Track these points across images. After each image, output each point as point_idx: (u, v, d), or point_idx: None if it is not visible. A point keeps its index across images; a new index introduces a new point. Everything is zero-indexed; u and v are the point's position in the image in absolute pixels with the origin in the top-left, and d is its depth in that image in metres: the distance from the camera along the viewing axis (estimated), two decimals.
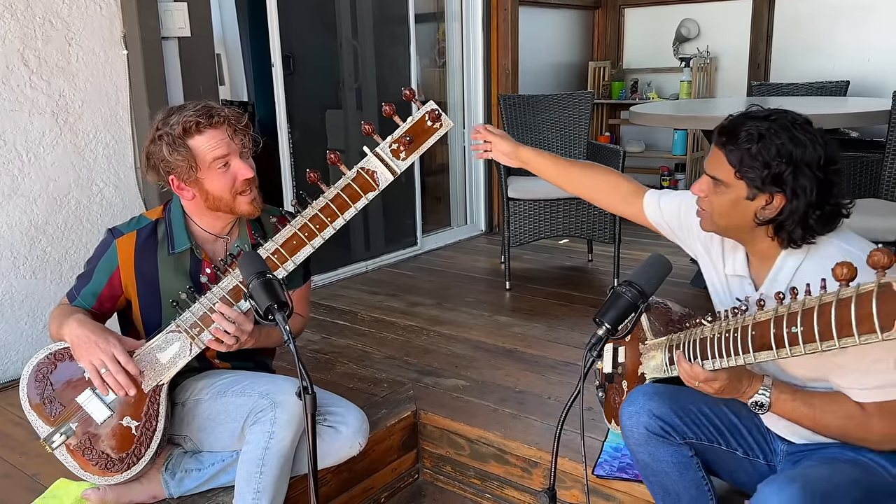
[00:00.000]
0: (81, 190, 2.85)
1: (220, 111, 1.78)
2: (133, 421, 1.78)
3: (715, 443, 1.62)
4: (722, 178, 1.42)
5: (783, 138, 1.36)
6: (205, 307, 1.75)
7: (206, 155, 1.77)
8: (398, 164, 1.77)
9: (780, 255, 1.45)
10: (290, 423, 1.79)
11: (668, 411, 1.58)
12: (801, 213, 1.36)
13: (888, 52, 4.72)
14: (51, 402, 1.77)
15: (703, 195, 1.48)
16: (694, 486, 1.62)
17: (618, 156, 3.57)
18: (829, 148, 1.37)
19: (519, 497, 2.23)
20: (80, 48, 2.77)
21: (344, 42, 4.10)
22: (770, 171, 1.35)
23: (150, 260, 1.88)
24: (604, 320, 1.43)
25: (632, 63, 5.87)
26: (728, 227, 1.48)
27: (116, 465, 1.78)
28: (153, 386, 1.78)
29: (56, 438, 1.76)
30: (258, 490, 1.79)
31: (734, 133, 1.40)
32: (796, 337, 1.15)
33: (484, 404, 2.41)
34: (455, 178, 4.90)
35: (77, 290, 1.89)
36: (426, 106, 1.77)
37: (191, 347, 1.76)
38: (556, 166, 1.86)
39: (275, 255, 1.75)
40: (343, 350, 2.94)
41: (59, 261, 2.80)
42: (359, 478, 2.23)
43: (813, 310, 1.12)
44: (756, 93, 4.72)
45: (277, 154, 3.71)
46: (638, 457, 1.65)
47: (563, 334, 3.03)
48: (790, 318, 1.17)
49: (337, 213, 1.76)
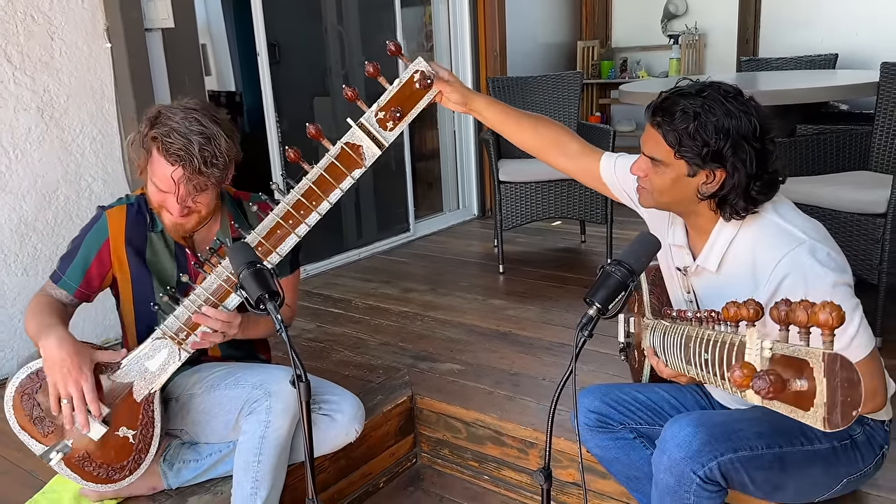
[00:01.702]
0: (70, 185, 2.84)
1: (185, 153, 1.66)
2: (129, 430, 1.76)
3: (655, 425, 1.68)
4: (661, 157, 1.42)
5: (718, 114, 1.35)
6: (189, 311, 1.71)
7: (154, 170, 1.72)
8: (385, 135, 1.61)
9: (715, 227, 1.46)
10: (286, 411, 1.80)
11: (600, 404, 1.68)
12: (742, 185, 1.38)
13: (876, 24, 4.71)
14: (41, 421, 1.72)
15: (643, 175, 1.49)
16: (645, 463, 1.67)
17: (608, 135, 3.56)
18: (762, 118, 1.38)
19: (516, 477, 2.24)
20: (63, 42, 2.74)
21: (329, 28, 4.08)
22: (709, 149, 1.36)
23: (140, 233, 1.86)
24: (594, 300, 1.43)
25: (620, 42, 5.86)
26: (670, 203, 1.49)
27: (118, 473, 1.78)
28: (145, 395, 1.76)
29: (53, 456, 1.73)
30: (256, 479, 1.80)
31: (669, 112, 1.40)
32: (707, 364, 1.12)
33: (479, 387, 2.42)
34: (446, 163, 4.89)
35: (61, 269, 1.85)
36: (414, 64, 1.59)
37: (179, 353, 1.74)
38: (507, 118, 1.69)
39: (258, 249, 1.68)
40: (338, 338, 2.94)
41: (49, 257, 2.79)
42: (357, 464, 2.24)
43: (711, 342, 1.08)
44: (745, 68, 4.71)
45: (266, 143, 3.69)
46: (593, 452, 1.74)
47: (557, 316, 3.04)
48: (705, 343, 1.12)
49: (322, 196, 1.65)
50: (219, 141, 1.71)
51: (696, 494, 1.38)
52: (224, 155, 1.72)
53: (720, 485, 1.39)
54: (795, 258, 1.32)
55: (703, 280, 1.52)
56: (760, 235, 1.40)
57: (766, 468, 1.38)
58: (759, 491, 1.44)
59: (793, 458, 1.39)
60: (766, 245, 1.38)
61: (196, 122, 1.69)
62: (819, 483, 1.46)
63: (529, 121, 1.72)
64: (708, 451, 1.35)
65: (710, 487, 1.38)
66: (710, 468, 1.34)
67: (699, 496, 1.38)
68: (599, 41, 5.81)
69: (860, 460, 1.45)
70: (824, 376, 0.75)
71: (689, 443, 1.36)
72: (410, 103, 1.59)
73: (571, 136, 1.76)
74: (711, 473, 1.35)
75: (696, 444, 1.35)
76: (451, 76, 1.62)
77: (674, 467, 1.37)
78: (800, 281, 1.30)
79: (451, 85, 1.60)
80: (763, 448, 1.37)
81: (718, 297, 1.43)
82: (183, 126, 1.68)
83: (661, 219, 1.63)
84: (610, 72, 5.74)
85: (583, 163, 1.74)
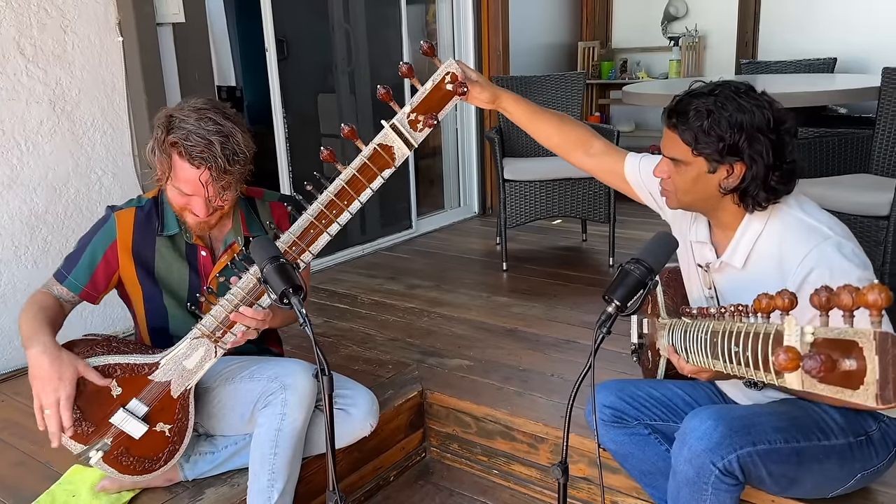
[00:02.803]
0: (80, 178, 2.84)
1: (209, 154, 1.67)
2: (166, 425, 1.79)
3: (669, 421, 1.71)
4: (680, 157, 1.47)
5: (730, 109, 1.40)
6: (226, 310, 1.71)
7: (178, 176, 1.73)
8: (415, 136, 1.61)
9: (741, 224, 1.50)
10: (301, 404, 1.82)
11: (615, 399, 1.71)
12: (762, 176, 1.41)
13: (874, 29, 4.76)
14: (80, 424, 1.73)
15: (665, 177, 1.53)
16: (660, 458, 1.71)
17: (612, 136, 3.59)
18: (775, 110, 1.42)
19: (526, 472, 2.27)
20: (75, 35, 2.75)
21: (336, 25, 4.09)
22: (725, 143, 1.40)
23: (149, 238, 1.86)
24: (613, 297, 1.46)
25: (621, 43, 5.89)
26: (694, 201, 1.52)
27: (155, 464, 1.81)
28: (181, 391, 1.79)
29: (92, 455, 1.75)
30: (273, 471, 1.82)
31: (683, 113, 1.45)
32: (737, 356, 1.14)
33: (489, 383, 2.45)
34: (448, 161, 4.92)
35: (66, 269, 1.84)
36: (445, 66, 1.58)
37: (216, 351, 1.76)
38: (533, 115, 1.72)
39: (292, 248, 1.69)
40: (346, 333, 2.96)
41: (59, 249, 2.80)
42: (368, 457, 2.27)
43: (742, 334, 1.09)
44: (745, 71, 4.75)
45: (273, 139, 3.71)
46: (607, 447, 1.76)
47: (562, 313, 3.07)
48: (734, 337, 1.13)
49: (354, 195, 1.66)
50: (236, 137, 1.72)
51: (714, 486, 1.41)
52: (244, 150, 1.74)
53: (738, 479, 1.42)
54: (822, 253, 1.35)
55: (725, 276, 1.56)
56: (787, 231, 1.43)
57: (784, 462, 1.41)
58: (775, 485, 1.47)
59: (809, 452, 1.43)
60: (794, 240, 1.41)
61: (211, 122, 1.70)
62: (834, 478, 1.49)
63: (554, 118, 1.74)
64: (728, 443, 1.38)
65: (728, 480, 1.41)
66: (730, 460, 1.38)
67: (717, 488, 1.41)
68: (600, 42, 5.84)
69: (874, 456, 1.48)
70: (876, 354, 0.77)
71: (710, 435, 1.39)
72: (441, 104, 1.60)
73: (595, 135, 1.78)
74: (730, 466, 1.38)
75: (716, 436, 1.38)
76: (479, 75, 1.66)
77: (694, 459, 1.40)
78: (826, 275, 1.33)
79: (480, 84, 1.63)
80: (781, 442, 1.41)
81: (742, 292, 1.46)
82: (199, 127, 1.68)
83: (683, 216, 1.67)
84: (610, 72, 5.78)
85: (606, 162, 1.77)
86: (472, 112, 4.80)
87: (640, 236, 4.11)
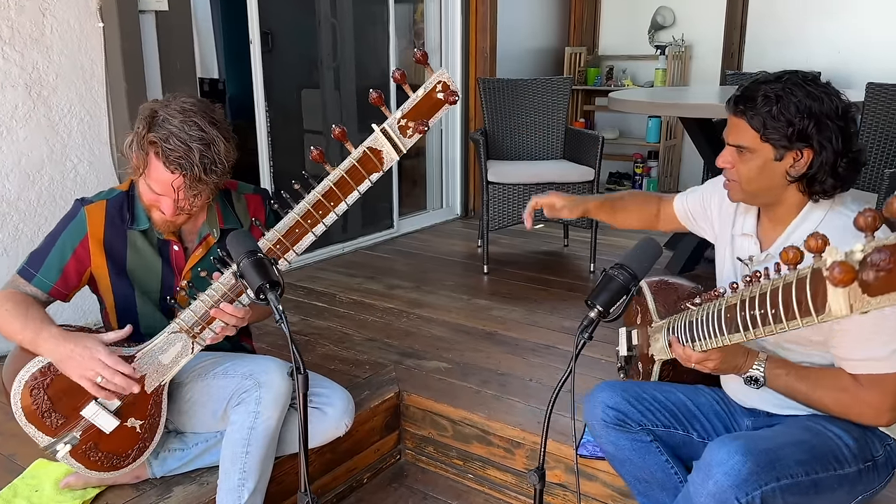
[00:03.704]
0: (55, 165, 2.78)
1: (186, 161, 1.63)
2: (138, 421, 1.74)
3: (672, 428, 1.68)
4: (747, 144, 1.45)
5: (799, 95, 1.39)
6: (206, 305, 1.68)
7: (151, 174, 1.69)
8: (405, 142, 1.62)
9: (800, 214, 1.48)
10: (276, 402, 1.79)
11: (620, 401, 1.65)
12: (830, 163, 1.40)
13: (857, 44, 4.81)
14: (49, 415, 1.68)
15: (729, 167, 1.50)
16: (659, 469, 1.67)
17: (597, 142, 3.59)
18: (842, 99, 1.42)
19: (501, 477, 2.25)
20: (54, 19, 2.69)
21: (322, 20, 4.05)
22: (794, 128, 1.39)
23: (120, 232, 1.81)
24: (596, 302, 1.44)
25: (607, 50, 5.90)
26: (758, 191, 1.50)
27: (122, 461, 1.76)
28: (155, 386, 1.74)
29: (59, 448, 1.70)
30: (244, 470, 1.78)
31: (752, 98, 1.43)
32: (755, 320, 1.19)
33: (466, 386, 2.43)
34: (432, 162, 4.89)
35: (34, 266, 1.77)
36: (437, 75, 1.58)
37: (193, 347, 1.72)
38: (613, 210, 1.93)
39: (277, 246, 1.67)
40: (323, 331, 2.92)
41: (31, 237, 2.73)
42: (342, 459, 2.23)
43: (766, 294, 1.15)
44: (730, 81, 4.77)
45: (254, 134, 3.66)
46: (604, 448, 1.71)
47: (542, 318, 3.05)
48: (751, 302, 1.20)
49: (340, 197, 1.66)
50: (218, 146, 1.67)
51: None
52: (223, 160, 1.69)
53: None
54: None
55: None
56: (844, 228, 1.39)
57: (802, 494, 1.39)
58: None
59: (825, 482, 1.41)
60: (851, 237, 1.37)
61: (195, 127, 1.65)
62: (839, 503, 1.48)
63: (629, 204, 1.94)
64: (754, 479, 1.34)
65: None
66: (753, 496, 1.34)
67: None
68: (587, 48, 5.85)
69: (876, 479, 1.48)
70: None
71: (738, 471, 1.34)
72: (432, 112, 1.60)
73: (654, 200, 1.92)
74: (753, 502, 1.35)
75: (744, 472, 1.34)
76: (563, 199, 1.86)
77: (719, 494, 1.35)
78: None
79: (569, 207, 1.84)
80: (802, 475, 1.38)
81: None
82: (182, 131, 1.64)
83: (727, 217, 1.67)
84: (596, 79, 5.78)
85: (666, 217, 1.90)
86: (457, 113, 4.78)
87: (621, 243, 4.11)
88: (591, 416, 1.69)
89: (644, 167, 5.61)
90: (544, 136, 4.07)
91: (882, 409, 1.38)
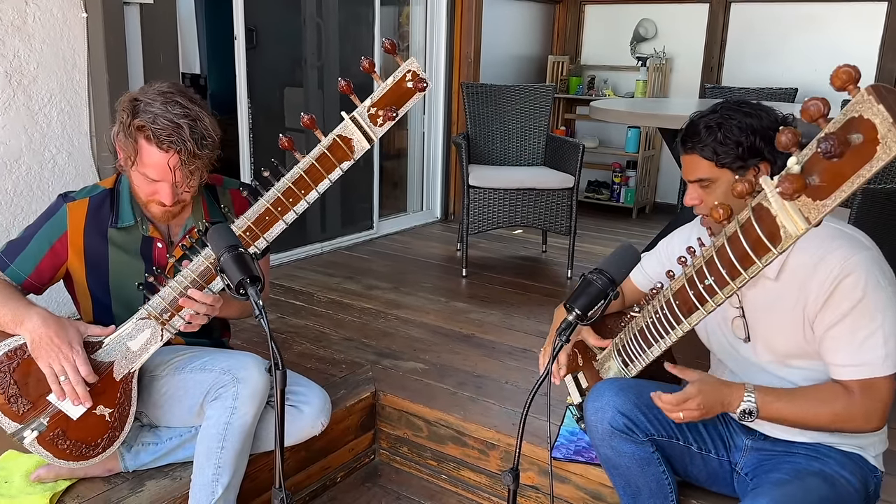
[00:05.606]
0: (33, 155, 2.75)
1: (177, 137, 1.64)
2: (106, 409, 1.73)
3: (674, 438, 1.67)
4: (706, 175, 1.49)
5: (737, 117, 1.46)
6: (175, 292, 1.68)
7: (144, 161, 1.69)
8: (375, 130, 1.62)
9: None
10: (253, 398, 1.78)
11: (632, 407, 1.62)
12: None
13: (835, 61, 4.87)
14: (16, 400, 1.66)
15: (698, 202, 1.54)
16: (654, 481, 1.67)
17: (577, 150, 3.63)
18: (777, 111, 1.49)
19: (475, 478, 2.26)
20: (37, 7, 2.66)
21: (308, 19, 4.05)
22: (743, 147, 1.44)
23: (101, 230, 1.81)
24: (574, 306, 1.46)
25: (589, 59, 5.95)
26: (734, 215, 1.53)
27: (92, 450, 1.74)
28: (124, 374, 1.73)
29: (27, 434, 1.67)
30: (219, 465, 1.78)
31: (695, 133, 1.49)
32: (712, 287, 1.22)
33: (443, 387, 2.44)
34: (413, 164, 4.90)
35: (9, 257, 1.77)
36: (407, 64, 1.58)
37: (162, 333, 1.71)
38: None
39: (247, 233, 1.67)
40: (300, 330, 2.92)
41: (7, 228, 2.70)
42: (316, 457, 2.23)
43: (713, 257, 1.18)
44: (708, 95, 4.85)
45: (236, 130, 3.64)
46: (601, 451, 1.69)
47: (519, 322, 3.08)
48: (699, 274, 1.23)
49: (311, 185, 1.65)
50: (204, 121, 1.70)
51: None
52: (212, 134, 1.71)
53: None
54: (862, 262, 1.36)
55: (756, 291, 1.52)
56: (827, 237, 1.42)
57: None
58: None
59: None
60: (836, 245, 1.40)
61: (178, 105, 1.67)
62: None
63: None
64: None
65: None
66: None
67: None
68: (569, 57, 5.89)
69: None
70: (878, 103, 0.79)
71: None
72: (402, 100, 1.60)
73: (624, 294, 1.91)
74: None
75: None
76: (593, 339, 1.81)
77: None
78: (860, 282, 1.35)
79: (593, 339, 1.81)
80: None
81: (774, 303, 1.47)
82: (167, 111, 1.65)
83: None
84: (578, 88, 5.83)
85: (630, 294, 1.89)
86: (439, 115, 4.79)
87: (599, 251, 4.16)
88: (597, 418, 1.64)
89: (623, 176, 5.66)
90: (526, 142, 4.10)
91: (873, 415, 1.40)
